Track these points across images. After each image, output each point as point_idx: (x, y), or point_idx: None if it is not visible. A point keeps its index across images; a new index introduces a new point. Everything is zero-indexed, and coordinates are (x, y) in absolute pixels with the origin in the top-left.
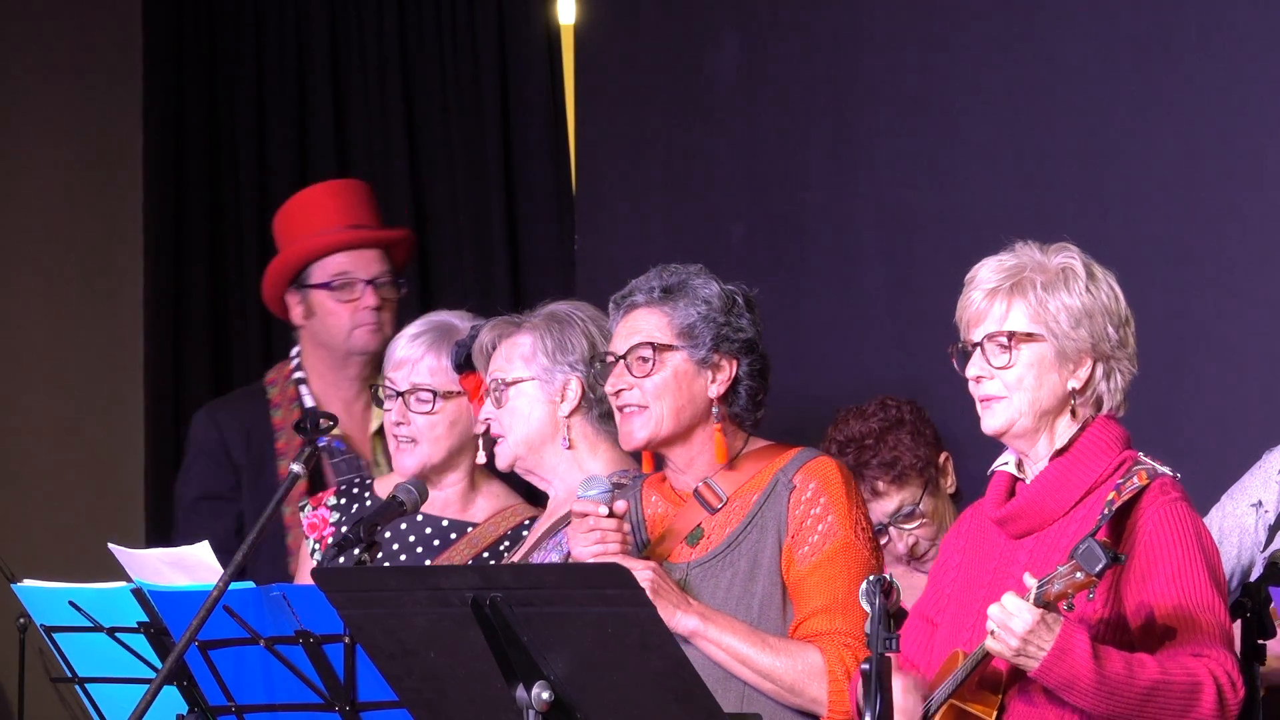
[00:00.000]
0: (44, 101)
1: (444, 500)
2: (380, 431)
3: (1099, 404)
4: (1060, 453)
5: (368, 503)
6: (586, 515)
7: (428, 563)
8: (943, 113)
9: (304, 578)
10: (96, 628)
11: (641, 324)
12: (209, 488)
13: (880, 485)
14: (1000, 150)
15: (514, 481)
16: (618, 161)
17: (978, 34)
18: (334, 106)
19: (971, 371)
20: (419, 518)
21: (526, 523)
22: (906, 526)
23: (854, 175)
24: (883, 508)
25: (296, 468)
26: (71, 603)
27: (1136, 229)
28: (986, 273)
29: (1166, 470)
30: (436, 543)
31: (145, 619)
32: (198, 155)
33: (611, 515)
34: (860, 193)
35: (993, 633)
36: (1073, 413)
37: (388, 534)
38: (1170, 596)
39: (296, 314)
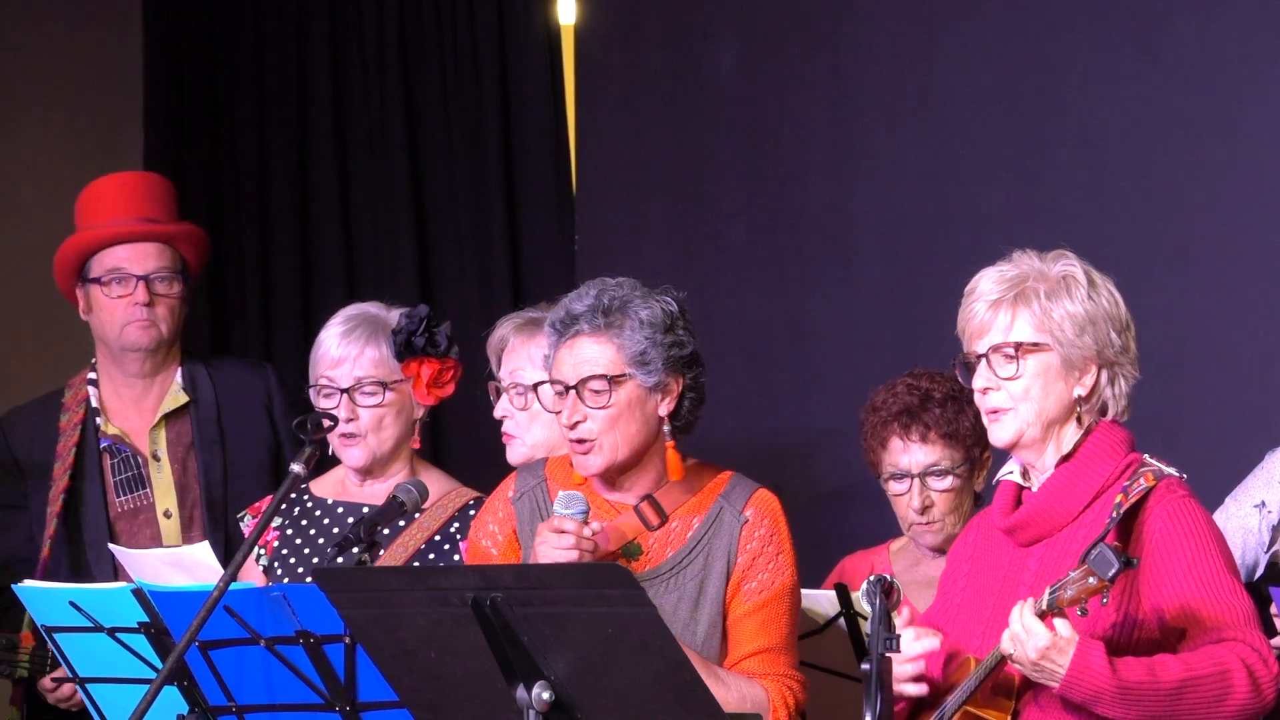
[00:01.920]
0: (44, 102)
1: (386, 490)
2: (160, 422)
3: (1104, 410)
4: (1066, 459)
5: (308, 504)
6: (564, 531)
7: (383, 551)
8: (943, 113)
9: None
10: (97, 628)
11: (589, 353)
12: (2, 498)
13: (931, 435)
14: (1000, 150)
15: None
16: (618, 161)
17: (977, 34)
18: (334, 106)
19: (978, 384)
20: (365, 509)
21: (472, 503)
22: (936, 485)
23: (854, 175)
24: (917, 458)
25: (296, 468)
26: (72, 603)
27: (1136, 229)
28: (987, 284)
29: (1172, 471)
30: (386, 531)
31: (145, 619)
32: (198, 156)
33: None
34: (860, 193)
35: (1010, 655)
36: (1078, 420)
37: (335, 529)
38: (1187, 588)
39: (82, 309)
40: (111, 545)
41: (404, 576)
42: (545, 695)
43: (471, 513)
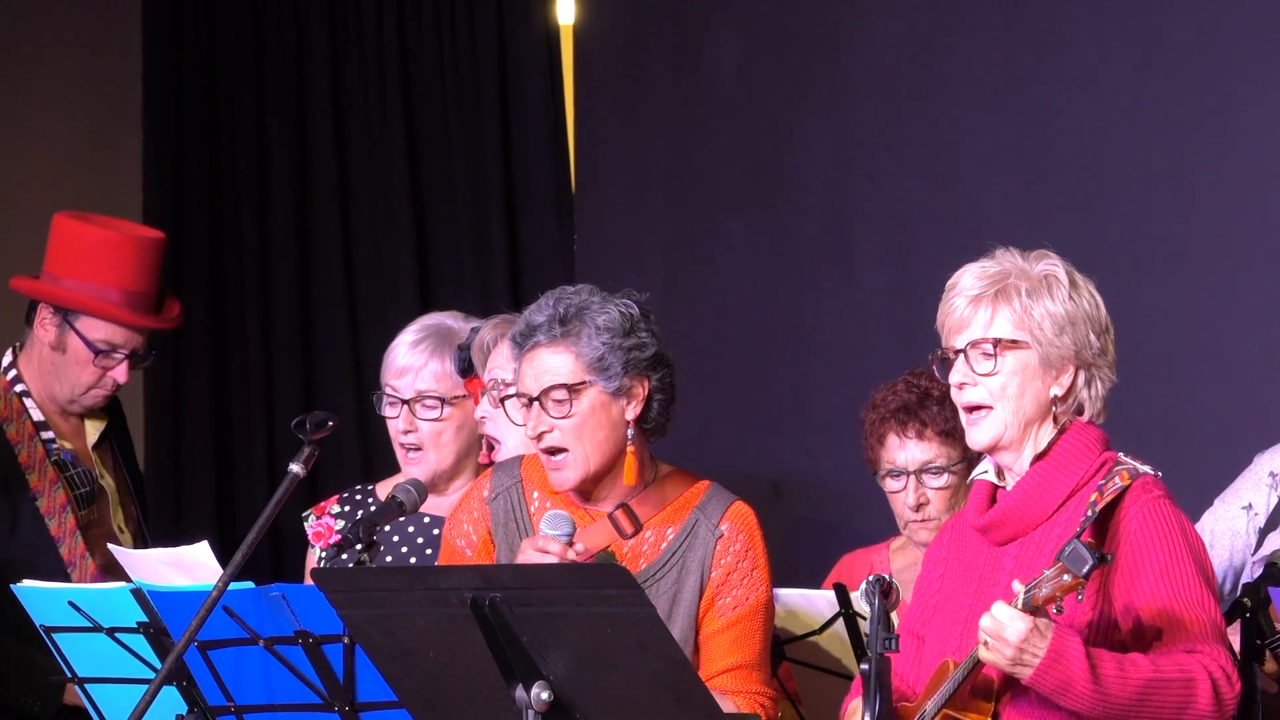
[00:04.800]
0: (43, 103)
1: (451, 504)
2: (99, 443)
3: (1080, 411)
4: (1040, 457)
5: (371, 506)
6: (548, 553)
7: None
8: (942, 113)
9: None
10: (96, 628)
11: (548, 363)
12: None
13: (927, 433)
14: (1000, 150)
15: None
16: (617, 161)
17: (977, 34)
18: (333, 107)
19: (954, 378)
20: (426, 520)
21: None
22: (933, 482)
23: (853, 175)
24: (913, 455)
25: (296, 468)
26: (71, 603)
27: (1135, 229)
28: (969, 279)
29: (1148, 469)
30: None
31: (144, 619)
32: (197, 156)
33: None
34: (860, 193)
35: (986, 644)
36: (1054, 420)
37: (395, 538)
38: (1160, 594)
39: (46, 334)
40: (110, 545)
41: (402, 576)
42: (544, 695)
43: None
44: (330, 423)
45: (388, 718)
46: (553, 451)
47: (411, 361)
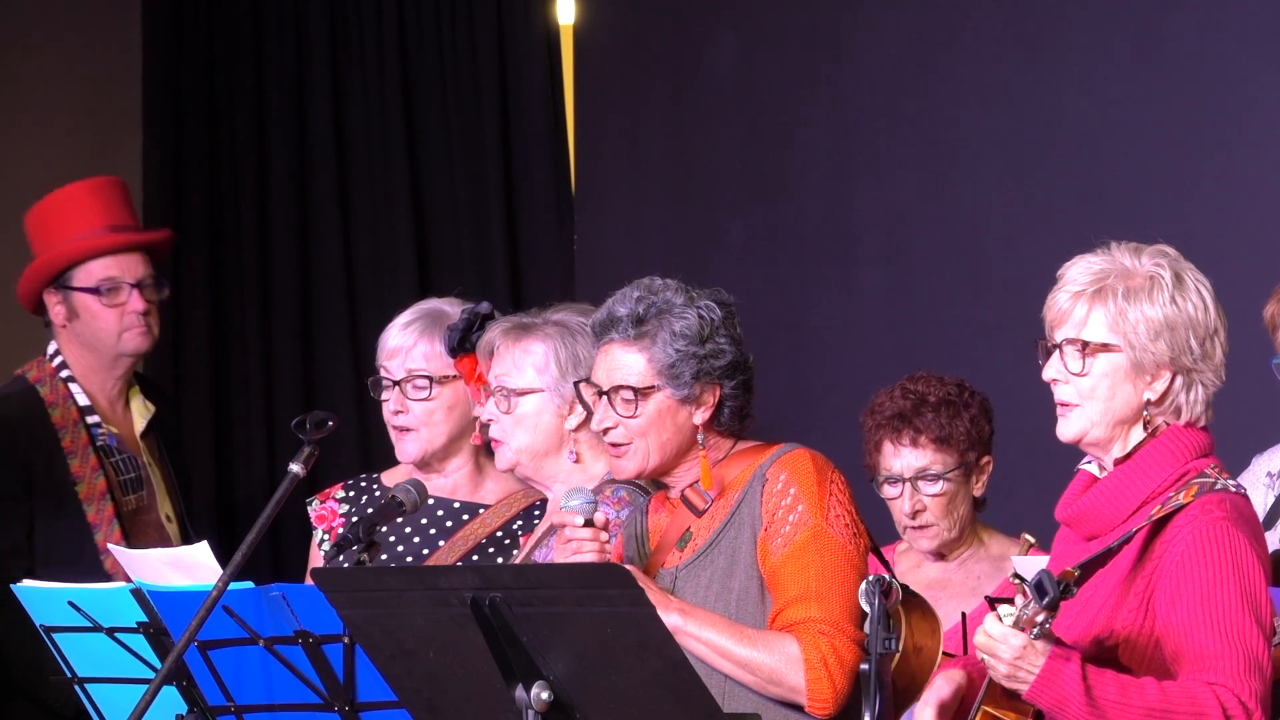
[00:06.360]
0: (43, 102)
1: (453, 484)
2: (146, 432)
3: (1177, 414)
4: (1123, 460)
5: (376, 494)
6: (565, 526)
7: (442, 543)
8: (943, 113)
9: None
10: (96, 628)
11: (620, 362)
12: (4, 488)
13: (921, 439)
14: (1000, 150)
15: None
16: (617, 161)
17: (978, 34)
18: (334, 106)
19: (1048, 374)
20: (430, 500)
21: (539, 504)
22: (928, 489)
23: (853, 175)
24: (909, 462)
25: (296, 468)
26: (71, 603)
27: (1135, 230)
28: (1075, 272)
29: (1228, 485)
30: (449, 524)
31: (144, 619)
32: (197, 156)
33: (589, 525)
34: (860, 193)
35: (983, 660)
36: (1145, 424)
37: (408, 529)
38: (1194, 619)
39: (58, 314)
40: (111, 545)
41: (403, 577)
42: (544, 695)
43: (537, 513)
44: (330, 423)
45: (388, 718)
46: (616, 445)
47: (402, 342)
